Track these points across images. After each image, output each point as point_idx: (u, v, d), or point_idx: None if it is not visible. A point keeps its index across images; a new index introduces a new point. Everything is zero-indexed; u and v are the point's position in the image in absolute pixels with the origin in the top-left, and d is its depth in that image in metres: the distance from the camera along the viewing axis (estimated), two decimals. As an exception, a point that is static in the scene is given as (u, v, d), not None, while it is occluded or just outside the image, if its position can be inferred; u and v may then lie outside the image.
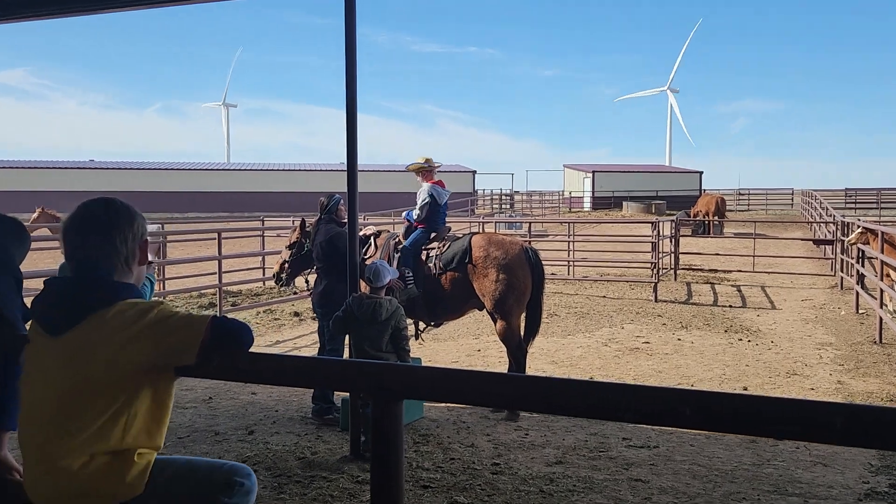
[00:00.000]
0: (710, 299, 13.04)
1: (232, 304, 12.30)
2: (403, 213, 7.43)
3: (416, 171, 7.25)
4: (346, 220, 6.18)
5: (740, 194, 49.36)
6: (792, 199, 46.81)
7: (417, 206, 7.12)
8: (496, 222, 18.23)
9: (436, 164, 7.27)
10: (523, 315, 6.80)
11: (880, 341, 9.24)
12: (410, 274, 6.79)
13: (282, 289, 7.82)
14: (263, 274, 15.09)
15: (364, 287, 5.74)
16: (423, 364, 6.80)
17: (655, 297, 12.99)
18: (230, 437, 5.59)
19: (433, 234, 7.05)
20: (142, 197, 45.14)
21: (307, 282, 7.01)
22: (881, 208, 39.23)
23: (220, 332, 2.17)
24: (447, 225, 7.38)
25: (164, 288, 13.60)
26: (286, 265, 6.92)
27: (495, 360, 8.51)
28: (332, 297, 6.10)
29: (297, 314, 11.53)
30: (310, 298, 6.99)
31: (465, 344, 9.45)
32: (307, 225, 6.90)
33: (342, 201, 6.46)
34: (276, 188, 48.33)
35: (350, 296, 5.21)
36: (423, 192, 7.14)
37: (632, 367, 8.15)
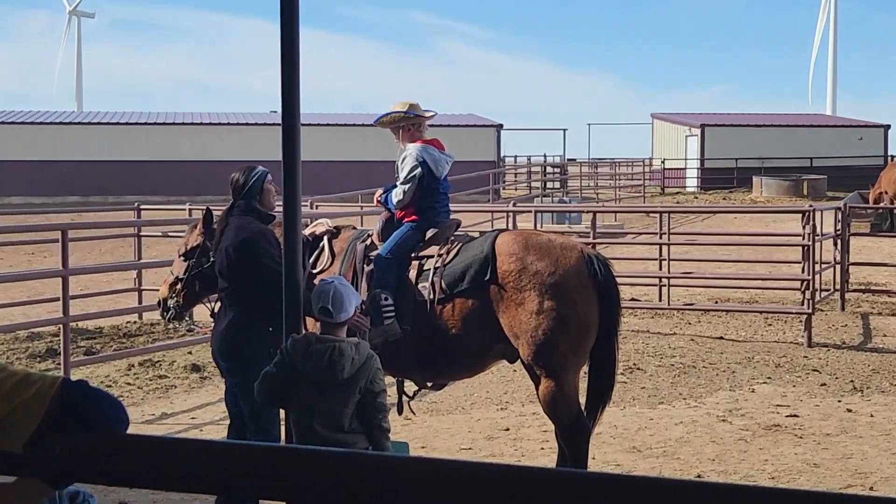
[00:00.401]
0: (901, 342, 13.10)
1: (86, 352, 12.37)
2: (378, 194, 7.49)
3: (392, 127, 7.32)
4: (276, 210, 6.24)
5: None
6: None
7: (399, 184, 7.17)
8: (536, 211, 18.25)
9: (426, 113, 7.34)
10: (584, 370, 6.82)
11: None
12: (390, 301, 6.85)
13: (171, 325, 7.82)
14: (140, 301, 15.19)
15: (312, 323, 5.73)
16: (413, 454, 6.80)
17: (809, 338, 13.07)
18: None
19: (429, 233, 7.11)
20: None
21: (213, 314, 6.99)
22: None
23: (73, 400, 2.23)
24: (453, 218, 7.45)
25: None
26: (178, 286, 6.93)
27: (535, 445, 8.55)
28: (247, 341, 6.12)
29: (196, 368, 11.60)
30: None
31: (484, 418, 9.50)
32: (214, 219, 6.84)
33: (270, 178, 6.48)
34: (162, 155, 48.63)
35: (288, 338, 5.23)
36: (407, 158, 7.21)
37: (769, 457, 8.18)
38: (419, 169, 7.11)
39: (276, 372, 5.24)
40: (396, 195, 7.19)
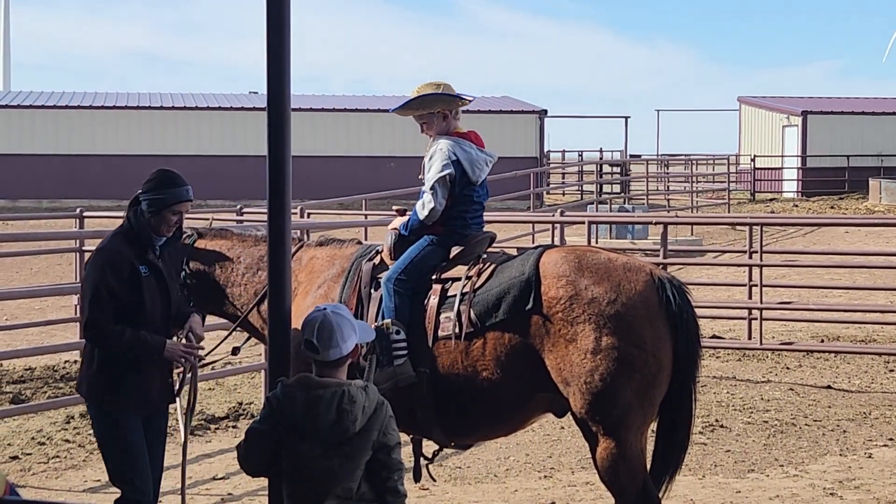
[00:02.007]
0: None
1: (13, 400, 12.40)
2: (397, 223, 7.40)
3: (421, 115, 7.34)
4: (159, 234, 6.70)
5: None
6: None
7: (426, 187, 7.19)
8: (590, 222, 18.19)
9: (465, 97, 7.36)
10: (652, 427, 6.80)
11: None
12: (402, 335, 6.86)
13: None
14: (82, 335, 15.13)
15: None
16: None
17: (943, 388, 12.99)
18: None
19: (454, 249, 7.13)
20: None
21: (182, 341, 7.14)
22: None
23: None
24: (486, 231, 7.45)
25: None
26: None
27: (590, 525, 8.52)
28: (115, 387, 6.53)
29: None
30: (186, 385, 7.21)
31: (522, 489, 9.47)
32: (183, 229, 7.10)
33: (183, 207, 6.77)
34: (111, 148, 48.82)
35: (277, 383, 5.23)
36: (436, 155, 7.21)
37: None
38: (450, 170, 7.09)
39: (264, 429, 5.22)
40: (423, 206, 7.13)
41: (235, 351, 7.78)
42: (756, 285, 15.50)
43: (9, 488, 4.53)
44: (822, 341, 15.91)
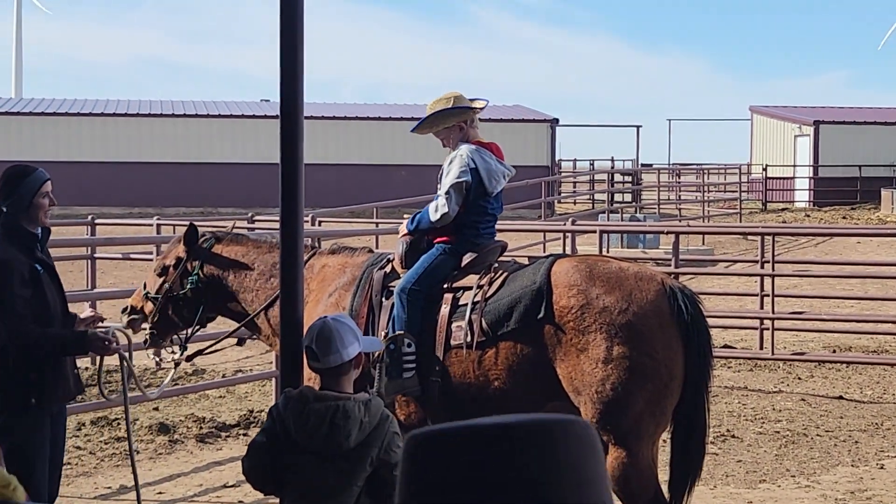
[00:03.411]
0: None
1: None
2: (405, 226, 7.45)
3: (439, 131, 7.38)
4: (41, 224, 6.68)
5: None
6: None
7: (441, 191, 7.20)
8: (602, 231, 18.19)
9: (476, 103, 7.38)
10: (664, 436, 6.80)
11: None
12: (413, 347, 6.86)
13: (151, 354, 8.00)
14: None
15: (310, 376, 5.75)
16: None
17: (955, 399, 12.95)
18: None
19: (466, 258, 7.14)
20: None
21: (185, 348, 7.18)
22: None
23: None
24: (497, 240, 7.48)
25: None
26: (150, 306, 7.29)
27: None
28: (39, 385, 6.48)
29: (164, 429, 11.60)
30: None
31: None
32: (199, 237, 7.16)
33: (49, 188, 6.81)
34: (123, 155, 48.92)
35: (283, 393, 5.22)
36: (455, 161, 7.23)
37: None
38: (468, 177, 7.11)
39: (265, 441, 5.20)
40: (437, 209, 7.16)
41: (241, 342, 7.81)
42: (768, 295, 15.48)
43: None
44: (834, 352, 15.86)
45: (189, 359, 7.85)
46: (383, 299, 7.07)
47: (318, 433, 5.06)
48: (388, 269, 7.20)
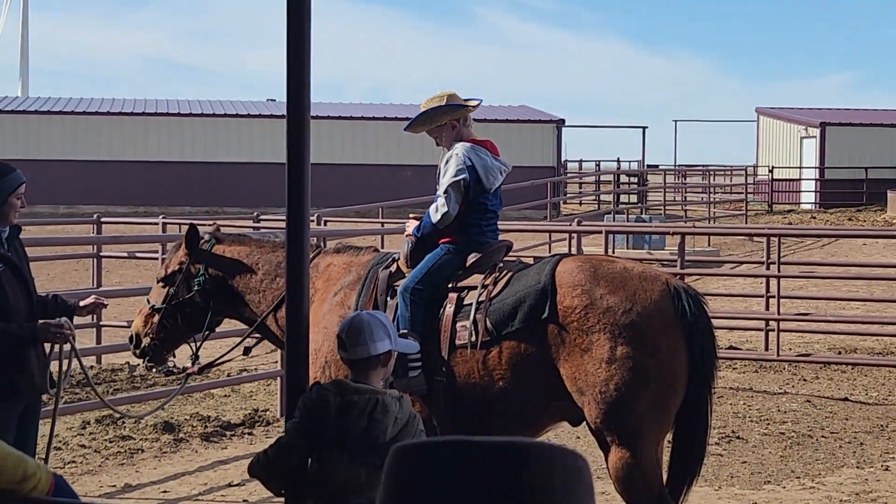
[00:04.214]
0: None
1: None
2: (411, 226, 7.44)
3: (431, 129, 7.40)
4: (9, 223, 6.66)
5: None
6: None
7: (440, 192, 7.23)
8: (607, 232, 18.22)
9: (471, 102, 7.41)
10: (668, 437, 6.83)
11: None
12: (417, 344, 6.84)
13: (154, 371, 7.96)
14: (98, 340, 15.29)
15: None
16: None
17: (960, 401, 12.95)
18: None
19: (471, 258, 7.16)
20: None
21: (196, 357, 7.14)
22: None
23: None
24: (502, 240, 7.49)
25: None
26: (155, 319, 7.23)
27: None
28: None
29: (169, 427, 11.62)
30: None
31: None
32: (201, 237, 7.06)
33: (24, 189, 6.72)
34: (129, 154, 48.88)
35: (312, 385, 5.21)
36: (451, 160, 7.26)
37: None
38: (465, 175, 7.13)
39: (294, 442, 5.12)
40: (437, 210, 7.18)
41: (247, 351, 7.78)
42: (773, 296, 15.48)
43: (53, 483, 4.50)
44: (840, 353, 15.86)
45: (201, 370, 7.80)
46: (388, 298, 7.08)
47: (357, 426, 5.06)
48: (393, 268, 7.21)
